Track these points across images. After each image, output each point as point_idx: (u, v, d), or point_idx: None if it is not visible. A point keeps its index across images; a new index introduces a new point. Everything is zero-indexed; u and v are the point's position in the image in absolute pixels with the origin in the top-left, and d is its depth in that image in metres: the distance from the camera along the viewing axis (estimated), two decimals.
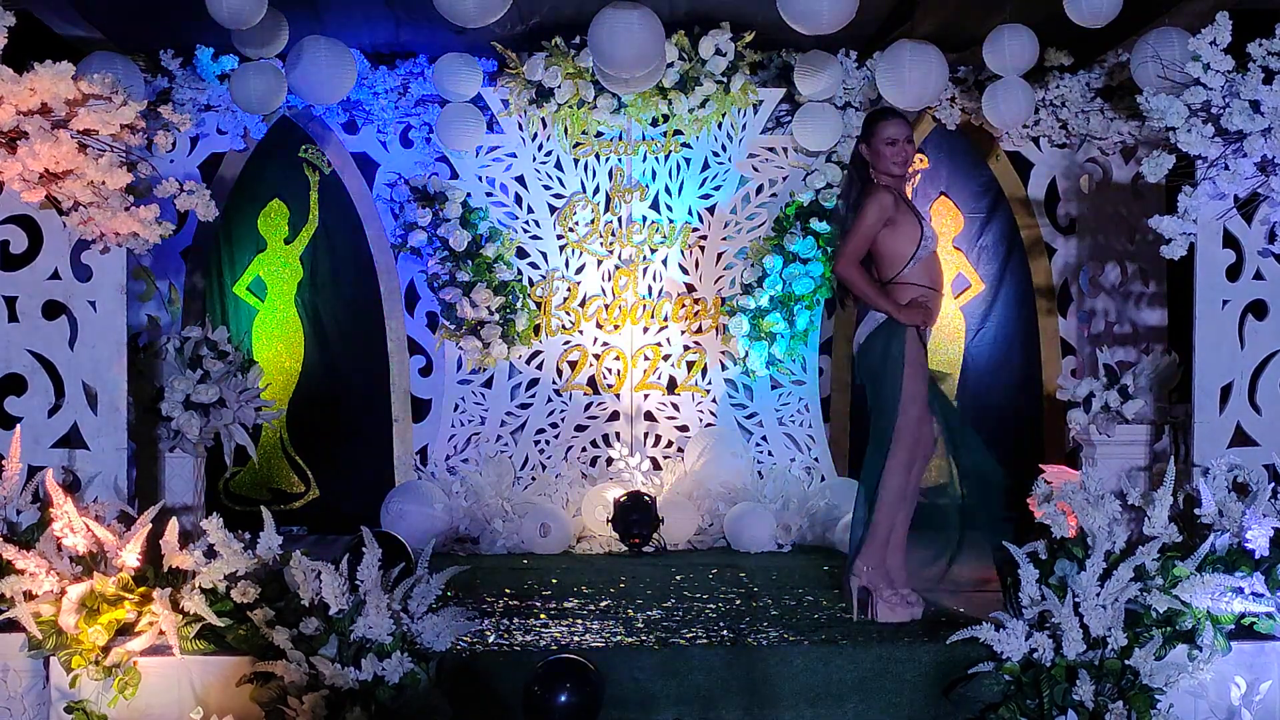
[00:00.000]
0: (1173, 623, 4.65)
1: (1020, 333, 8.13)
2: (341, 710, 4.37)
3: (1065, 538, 4.78)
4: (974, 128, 7.82)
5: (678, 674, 4.70)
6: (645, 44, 6.36)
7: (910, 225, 5.25)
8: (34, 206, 4.98)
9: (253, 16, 5.74)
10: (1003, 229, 8.12)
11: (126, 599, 4.59)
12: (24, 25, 4.99)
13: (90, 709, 4.55)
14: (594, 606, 5.61)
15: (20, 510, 4.86)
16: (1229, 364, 5.22)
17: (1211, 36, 4.92)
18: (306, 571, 4.55)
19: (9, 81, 4.67)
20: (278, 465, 7.92)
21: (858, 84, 7.68)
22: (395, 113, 7.69)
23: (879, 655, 4.75)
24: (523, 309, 7.63)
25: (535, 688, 4.34)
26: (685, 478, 7.58)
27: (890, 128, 5.30)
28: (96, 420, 5.05)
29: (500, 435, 7.74)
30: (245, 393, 6.30)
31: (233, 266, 7.88)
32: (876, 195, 5.23)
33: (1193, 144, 4.96)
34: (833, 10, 5.73)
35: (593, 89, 7.47)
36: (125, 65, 6.62)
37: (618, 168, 7.73)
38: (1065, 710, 4.49)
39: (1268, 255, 5.20)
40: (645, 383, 7.80)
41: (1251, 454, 5.16)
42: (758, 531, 7.19)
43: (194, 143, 7.64)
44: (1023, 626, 4.61)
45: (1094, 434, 6.43)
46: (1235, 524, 4.80)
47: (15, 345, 5.03)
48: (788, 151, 7.77)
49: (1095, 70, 7.65)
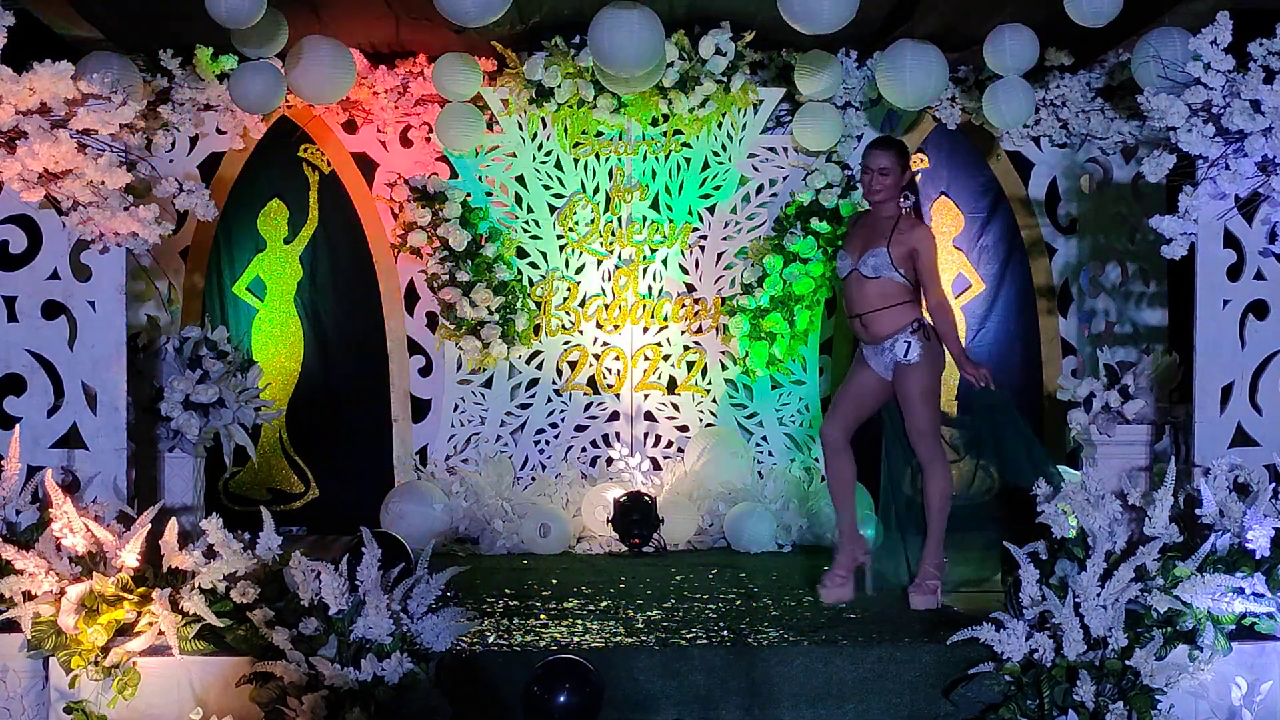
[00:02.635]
0: (1173, 623, 4.65)
1: (1020, 333, 8.12)
2: (341, 710, 4.36)
3: (1066, 538, 4.77)
4: (974, 127, 7.82)
5: (678, 674, 4.70)
6: (645, 44, 6.35)
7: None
8: (33, 206, 4.98)
9: (252, 16, 5.73)
10: (1003, 229, 8.11)
11: (126, 599, 4.59)
12: (24, 25, 4.98)
13: (90, 709, 4.54)
14: (594, 606, 5.61)
15: (20, 510, 4.86)
16: (1230, 364, 5.22)
17: (1212, 36, 4.92)
18: (306, 571, 4.54)
19: (8, 81, 4.67)
20: (277, 465, 7.91)
21: (858, 84, 7.67)
22: (395, 113, 7.68)
23: (879, 655, 4.75)
24: (522, 309, 7.62)
25: (535, 688, 4.33)
26: (685, 478, 7.57)
27: (866, 156, 5.75)
28: (96, 420, 5.04)
29: (500, 435, 7.73)
30: (245, 393, 6.29)
31: (232, 266, 7.86)
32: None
33: (1193, 144, 4.95)
34: (833, 10, 5.73)
35: (593, 89, 7.47)
36: (124, 65, 6.62)
37: (618, 167, 7.72)
38: (1066, 711, 4.49)
39: (1268, 255, 5.20)
40: (645, 383, 7.79)
41: (1252, 454, 5.15)
42: (758, 531, 7.18)
43: (193, 142, 7.63)
44: (1023, 627, 4.60)
45: (1094, 434, 6.43)
46: (1236, 524, 4.80)
47: (15, 345, 5.03)
48: (788, 151, 7.77)
49: (1096, 70, 7.65)
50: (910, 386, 5.66)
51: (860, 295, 5.70)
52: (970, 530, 5.75)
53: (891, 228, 5.65)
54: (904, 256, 5.61)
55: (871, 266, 5.63)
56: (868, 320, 5.69)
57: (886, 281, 5.62)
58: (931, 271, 5.65)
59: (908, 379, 5.65)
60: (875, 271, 5.62)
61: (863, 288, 5.68)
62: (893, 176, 5.66)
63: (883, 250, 5.61)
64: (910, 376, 5.64)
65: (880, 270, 5.62)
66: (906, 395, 5.67)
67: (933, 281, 5.67)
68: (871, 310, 5.67)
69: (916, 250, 5.61)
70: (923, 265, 5.63)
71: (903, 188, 5.71)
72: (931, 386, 5.71)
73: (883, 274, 5.62)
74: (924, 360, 5.63)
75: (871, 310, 5.67)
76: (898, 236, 5.62)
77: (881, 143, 5.82)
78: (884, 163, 5.66)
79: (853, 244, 5.77)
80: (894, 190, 5.67)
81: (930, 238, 5.69)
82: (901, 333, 5.63)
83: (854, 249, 5.74)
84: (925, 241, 5.64)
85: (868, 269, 5.64)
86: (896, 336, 5.63)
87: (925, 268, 5.64)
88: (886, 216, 5.69)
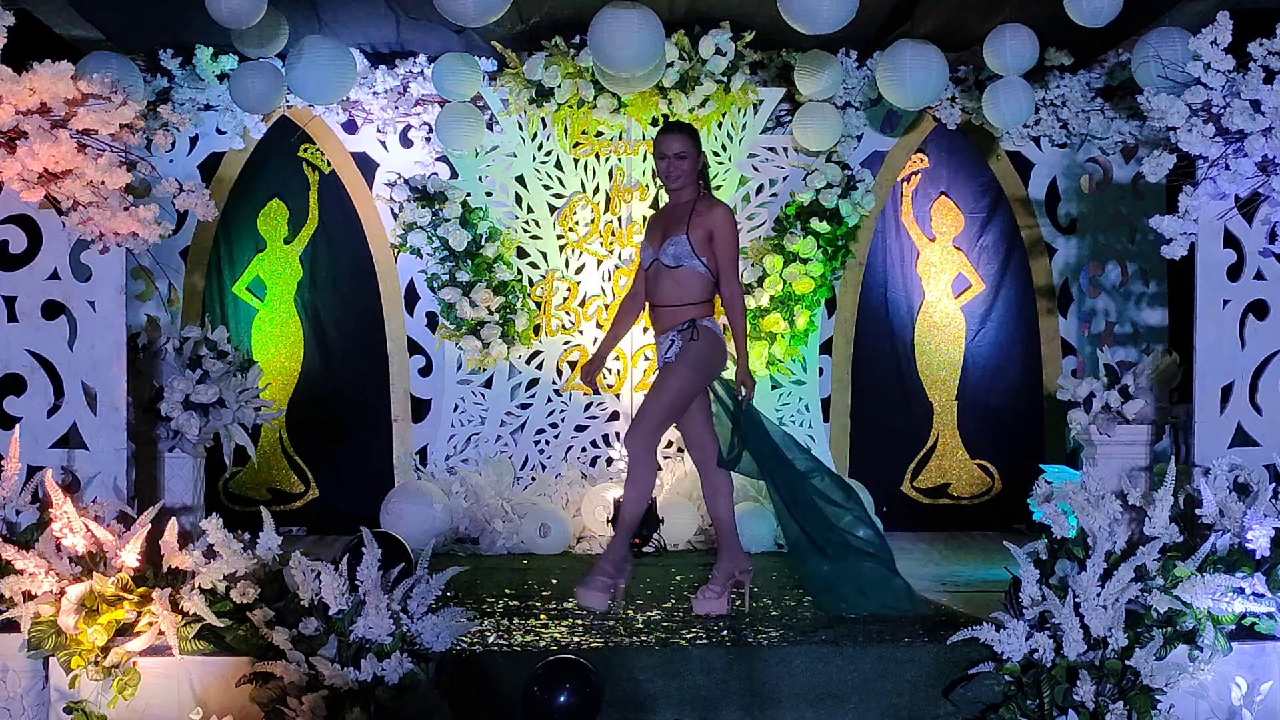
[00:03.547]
0: (1173, 623, 4.65)
1: (1021, 333, 8.13)
2: (341, 710, 4.36)
3: (1066, 538, 4.77)
4: (974, 127, 7.82)
5: (678, 674, 4.70)
6: (645, 44, 6.35)
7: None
8: (33, 206, 4.97)
9: (252, 16, 5.73)
10: (1003, 229, 8.12)
11: (126, 599, 4.59)
12: (23, 25, 4.99)
13: (89, 709, 4.54)
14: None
15: (20, 510, 4.85)
16: (1230, 364, 5.22)
17: (1212, 36, 4.92)
18: (306, 571, 4.54)
19: (8, 81, 4.67)
20: (277, 465, 7.92)
21: (858, 84, 7.68)
22: (395, 113, 7.69)
23: (879, 655, 4.75)
24: (523, 309, 7.63)
25: (535, 688, 4.33)
26: (685, 478, 7.57)
27: (659, 142, 5.50)
28: (96, 420, 5.04)
29: (500, 435, 7.73)
30: (245, 393, 6.29)
31: (232, 266, 7.87)
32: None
33: (1193, 144, 4.95)
34: (833, 10, 5.73)
35: (593, 89, 7.47)
36: (124, 65, 6.62)
37: (618, 167, 7.73)
38: (1066, 711, 4.49)
39: (1268, 255, 5.19)
40: (645, 383, 7.78)
41: (1252, 454, 5.15)
42: (758, 531, 7.18)
43: (193, 142, 7.64)
44: (1023, 627, 4.60)
45: (1094, 434, 6.43)
46: (1236, 524, 4.80)
47: (15, 345, 5.02)
48: (788, 151, 7.77)
49: (1095, 70, 7.65)
50: (667, 379, 5.41)
51: (659, 286, 5.46)
52: (854, 562, 5.53)
53: (689, 212, 5.41)
54: (703, 240, 5.38)
55: (672, 255, 5.40)
56: (661, 313, 5.47)
57: (687, 272, 5.39)
58: (729, 257, 5.40)
59: (667, 372, 5.43)
60: (676, 260, 5.39)
61: (662, 278, 5.44)
62: (689, 161, 5.43)
63: (682, 237, 5.39)
64: (670, 370, 5.41)
65: (681, 259, 5.39)
66: (659, 385, 5.45)
67: (729, 269, 5.42)
68: (666, 304, 5.44)
69: (714, 232, 5.38)
70: (720, 249, 5.39)
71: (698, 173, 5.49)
72: (683, 390, 5.42)
73: (684, 262, 5.39)
74: (686, 360, 5.38)
75: (666, 304, 5.44)
76: (695, 220, 5.40)
77: (674, 127, 5.56)
78: (679, 147, 5.43)
79: (653, 234, 5.53)
80: (691, 175, 5.45)
81: (730, 220, 5.44)
82: (675, 329, 5.42)
83: (654, 239, 5.50)
84: (723, 223, 5.40)
85: (668, 258, 5.40)
86: (670, 332, 5.43)
87: (722, 252, 5.39)
88: (684, 203, 5.46)
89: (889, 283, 8.11)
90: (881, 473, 7.95)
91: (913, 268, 8.12)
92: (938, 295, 8.13)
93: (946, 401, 8.13)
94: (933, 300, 8.13)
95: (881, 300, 8.12)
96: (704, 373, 5.45)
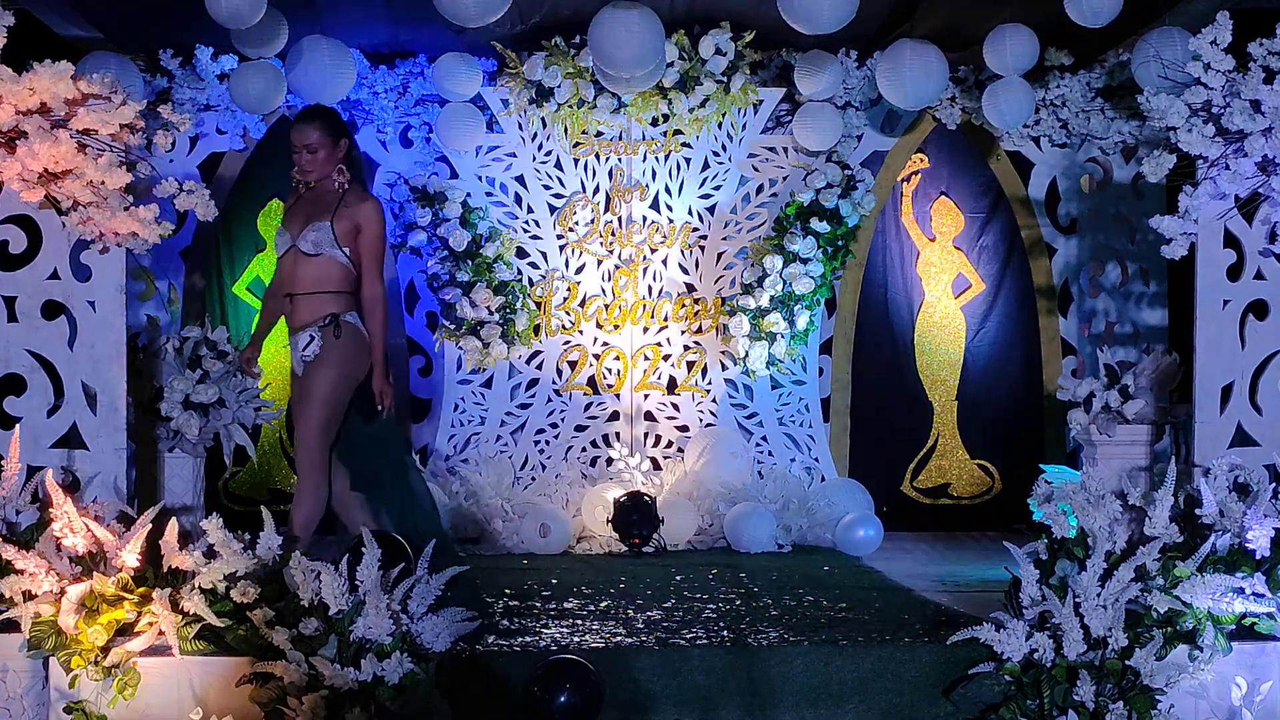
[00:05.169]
0: (1173, 623, 4.65)
1: (1020, 333, 8.13)
2: (341, 710, 4.36)
3: (1066, 538, 4.77)
4: (974, 127, 7.82)
5: (678, 674, 4.70)
6: (645, 44, 6.35)
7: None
8: (33, 206, 4.97)
9: (252, 16, 5.73)
10: (1003, 229, 8.11)
11: (126, 599, 4.58)
12: (23, 25, 4.98)
13: (89, 709, 4.54)
14: (594, 607, 5.61)
15: (20, 510, 4.85)
16: (1230, 364, 5.22)
17: (1212, 36, 4.91)
18: (306, 572, 4.54)
19: (8, 81, 4.66)
20: (277, 465, 7.91)
21: (858, 84, 7.67)
22: (395, 113, 7.69)
23: (879, 655, 4.74)
24: (523, 309, 7.62)
25: (535, 688, 4.33)
26: (685, 478, 7.57)
27: (292, 132, 5.28)
28: (96, 420, 5.04)
29: (500, 435, 7.73)
30: (244, 393, 6.28)
31: (232, 266, 7.87)
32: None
33: (1193, 144, 4.95)
34: (833, 10, 5.73)
35: (593, 89, 7.47)
36: (124, 65, 6.62)
37: (618, 167, 7.73)
38: (1066, 711, 4.48)
39: (1268, 255, 5.19)
40: (645, 383, 7.79)
41: (1252, 454, 5.15)
42: (758, 531, 7.18)
43: (193, 142, 7.64)
44: (1023, 627, 4.60)
45: (1094, 434, 6.43)
46: (1236, 524, 4.80)
47: (15, 345, 5.02)
48: (788, 151, 7.77)
49: (1095, 70, 7.65)
50: (311, 386, 5.23)
51: (294, 274, 5.24)
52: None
53: (337, 201, 5.21)
54: (348, 232, 5.19)
55: (312, 242, 5.19)
56: (297, 302, 5.24)
57: (328, 261, 5.20)
58: (374, 254, 5.20)
59: (310, 377, 5.24)
60: (316, 248, 5.19)
61: (299, 266, 5.23)
62: (324, 151, 5.23)
63: (326, 225, 5.18)
64: (312, 375, 5.23)
65: (321, 246, 5.19)
66: (305, 394, 5.25)
67: (372, 266, 5.22)
68: (303, 292, 5.21)
69: (361, 226, 5.20)
70: (364, 244, 5.20)
71: (339, 160, 5.28)
72: (334, 395, 5.23)
73: (324, 251, 5.19)
74: (329, 359, 5.21)
75: (303, 292, 5.21)
76: (343, 210, 5.21)
77: (306, 115, 5.34)
78: (310, 138, 5.22)
79: (293, 220, 5.28)
80: (328, 165, 5.25)
81: (378, 216, 5.24)
82: (315, 324, 5.22)
83: (294, 224, 5.26)
84: (372, 218, 5.21)
85: (308, 245, 5.19)
86: (310, 327, 5.24)
87: (367, 248, 5.20)
88: (333, 190, 5.25)
89: (889, 283, 8.11)
90: (881, 473, 7.95)
91: (913, 268, 8.12)
92: (938, 295, 8.13)
93: (946, 401, 8.13)
94: (933, 300, 8.13)
95: (881, 300, 8.11)
96: (349, 373, 5.25)
